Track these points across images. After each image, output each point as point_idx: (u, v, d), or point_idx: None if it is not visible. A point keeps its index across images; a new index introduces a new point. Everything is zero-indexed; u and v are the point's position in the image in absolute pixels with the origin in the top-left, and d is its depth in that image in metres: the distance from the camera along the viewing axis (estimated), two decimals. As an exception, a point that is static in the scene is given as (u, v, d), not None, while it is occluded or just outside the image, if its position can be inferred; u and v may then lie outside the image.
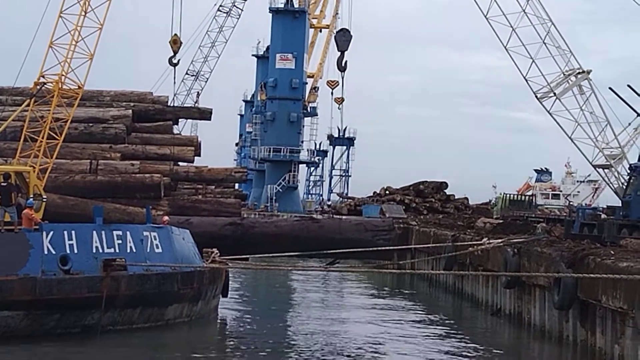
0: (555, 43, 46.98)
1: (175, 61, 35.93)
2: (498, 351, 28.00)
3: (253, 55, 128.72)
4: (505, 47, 47.12)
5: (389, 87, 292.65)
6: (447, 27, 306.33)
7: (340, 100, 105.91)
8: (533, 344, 29.51)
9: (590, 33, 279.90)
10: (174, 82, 35.76)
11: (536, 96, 46.92)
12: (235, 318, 32.87)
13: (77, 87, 32.91)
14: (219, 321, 31.89)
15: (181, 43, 36.08)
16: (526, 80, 46.97)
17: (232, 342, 28.40)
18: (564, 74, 46.65)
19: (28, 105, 32.97)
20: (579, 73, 46.72)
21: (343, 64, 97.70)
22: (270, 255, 35.49)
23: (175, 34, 35.83)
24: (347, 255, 36.45)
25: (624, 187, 40.24)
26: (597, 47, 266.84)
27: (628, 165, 43.13)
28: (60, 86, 32.40)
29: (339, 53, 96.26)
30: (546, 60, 47.11)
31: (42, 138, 32.58)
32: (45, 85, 32.53)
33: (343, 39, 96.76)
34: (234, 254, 33.17)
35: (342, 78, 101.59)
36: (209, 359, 24.59)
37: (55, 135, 32.99)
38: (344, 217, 76.26)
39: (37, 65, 32.73)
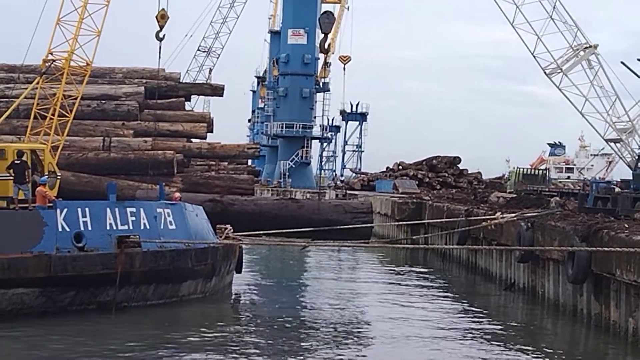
0: (562, 18, 46.81)
1: (161, 36, 35.98)
2: (512, 325, 28.01)
3: (270, 31, 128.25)
4: (511, 24, 46.95)
5: (400, 61, 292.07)
6: (458, 2, 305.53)
7: (345, 59, 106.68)
8: (547, 318, 29.51)
9: (601, 5, 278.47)
10: (159, 57, 35.80)
11: (545, 72, 46.80)
12: (249, 294, 32.96)
13: (85, 64, 32.95)
14: (233, 297, 31.98)
15: (168, 18, 36.08)
16: (534, 57, 46.82)
17: (246, 318, 28.49)
18: (573, 49, 46.48)
19: (38, 83, 33.06)
20: (586, 48, 46.53)
21: (326, 46, 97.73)
22: (284, 231, 35.53)
23: (163, 9, 35.89)
24: (327, 234, 36.34)
25: (637, 160, 40.12)
26: (608, 19, 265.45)
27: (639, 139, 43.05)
28: (68, 63, 32.45)
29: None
30: (555, 36, 47.02)
31: (52, 115, 32.66)
32: (54, 63, 32.58)
33: (326, 21, 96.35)
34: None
35: (325, 60, 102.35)
36: (224, 335, 24.67)
37: (65, 113, 33.06)
38: (356, 191, 76.39)
39: (47, 42, 32.84)
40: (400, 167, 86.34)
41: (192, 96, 53.87)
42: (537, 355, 23.58)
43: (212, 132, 47.22)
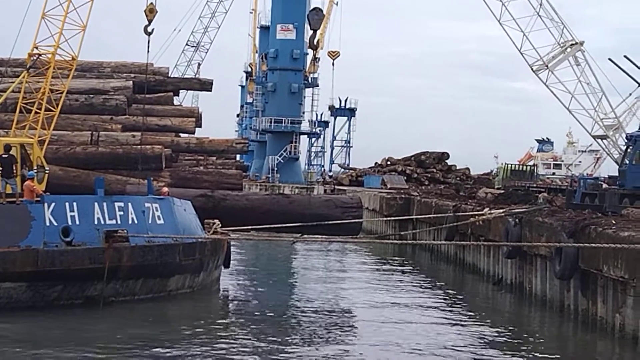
0: (548, 15, 47.04)
1: (149, 30, 36.00)
2: (499, 321, 28.06)
3: (260, 26, 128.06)
4: (499, 21, 47.09)
5: (389, 58, 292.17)
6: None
7: (334, 54, 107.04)
8: (534, 314, 29.59)
9: (591, 2, 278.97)
10: (148, 52, 35.79)
11: (532, 69, 47.01)
12: (237, 289, 32.98)
13: (71, 59, 32.88)
14: (220, 292, 31.98)
15: (157, 12, 36.15)
16: (521, 54, 46.96)
17: (234, 313, 28.49)
18: (559, 46, 46.68)
19: (24, 77, 32.98)
20: (572, 44, 46.74)
21: (315, 42, 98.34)
22: (272, 226, 35.53)
23: (151, 3, 35.90)
24: (316, 229, 36.30)
25: (623, 156, 40.31)
26: (597, 16, 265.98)
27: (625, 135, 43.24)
28: (54, 57, 32.39)
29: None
30: (542, 32, 47.29)
31: (38, 110, 32.59)
32: (40, 57, 32.51)
33: (316, 17, 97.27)
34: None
35: (314, 56, 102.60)
36: (211, 330, 24.66)
37: (51, 107, 32.98)
38: (345, 187, 76.43)
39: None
40: (388, 163, 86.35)
41: (181, 91, 53.82)
42: (524, 350, 23.61)
43: (200, 126, 47.13)
